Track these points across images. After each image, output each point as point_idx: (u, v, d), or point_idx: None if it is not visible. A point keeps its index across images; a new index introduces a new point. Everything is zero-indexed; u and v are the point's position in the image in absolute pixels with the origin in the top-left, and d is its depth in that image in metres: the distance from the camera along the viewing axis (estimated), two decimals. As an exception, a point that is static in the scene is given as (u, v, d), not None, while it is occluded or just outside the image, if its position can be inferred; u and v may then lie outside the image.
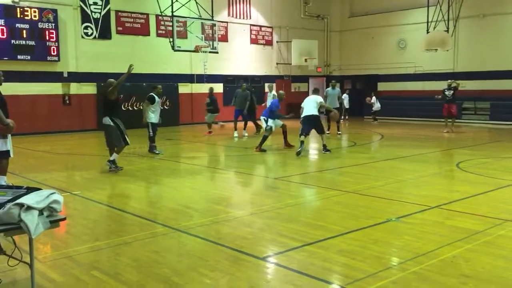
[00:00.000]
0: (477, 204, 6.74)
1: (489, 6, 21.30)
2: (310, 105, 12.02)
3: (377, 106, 22.46)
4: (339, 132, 16.44)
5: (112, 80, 9.67)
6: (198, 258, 4.74)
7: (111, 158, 9.61)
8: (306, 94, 22.78)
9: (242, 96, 16.68)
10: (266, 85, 17.68)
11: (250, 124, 17.15)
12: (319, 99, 12.24)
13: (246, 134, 16.52)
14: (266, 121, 12.65)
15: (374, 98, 22.78)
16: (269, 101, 18.91)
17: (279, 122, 12.83)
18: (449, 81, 17.79)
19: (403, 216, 6.09)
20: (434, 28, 21.09)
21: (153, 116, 11.94)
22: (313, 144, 13.80)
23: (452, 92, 17.04)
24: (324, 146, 11.96)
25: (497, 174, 9.05)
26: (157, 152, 12.04)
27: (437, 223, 5.86)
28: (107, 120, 9.43)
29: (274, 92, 19.17)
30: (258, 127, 16.53)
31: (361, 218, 6.15)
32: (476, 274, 4.20)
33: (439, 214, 6.30)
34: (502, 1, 21.01)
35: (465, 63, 22.20)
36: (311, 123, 11.96)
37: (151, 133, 11.95)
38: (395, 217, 6.01)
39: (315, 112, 11.92)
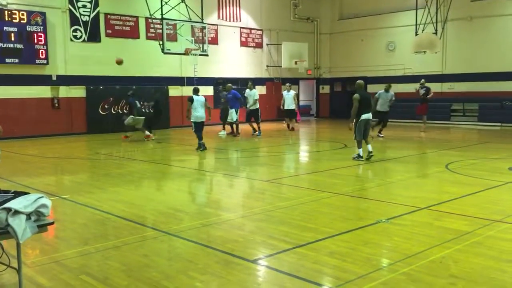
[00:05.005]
0: (466, 205, 6.79)
1: (477, 9, 21.50)
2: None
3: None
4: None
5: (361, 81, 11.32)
6: (188, 261, 4.72)
7: (370, 149, 10.98)
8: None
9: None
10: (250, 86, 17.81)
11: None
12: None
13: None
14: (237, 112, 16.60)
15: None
16: (286, 100, 18.93)
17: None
18: (423, 80, 18.52)
19: (392, 218, 6.12)
20: (423, 30, 21.25)
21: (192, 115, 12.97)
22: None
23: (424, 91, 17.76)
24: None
25: (485, 175, 9.13)
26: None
27: (427, 224, 5.89)
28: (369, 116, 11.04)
29: (292, 91, 19.16)
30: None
31: (351, 219, 6.18)
32: (465, 274, 4.23)
33: (428, 215, 6.33)
34: (490, 4, 21.21)
35: (453, 65, 22.38)
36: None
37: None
38: (385, 219, 6.04)
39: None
